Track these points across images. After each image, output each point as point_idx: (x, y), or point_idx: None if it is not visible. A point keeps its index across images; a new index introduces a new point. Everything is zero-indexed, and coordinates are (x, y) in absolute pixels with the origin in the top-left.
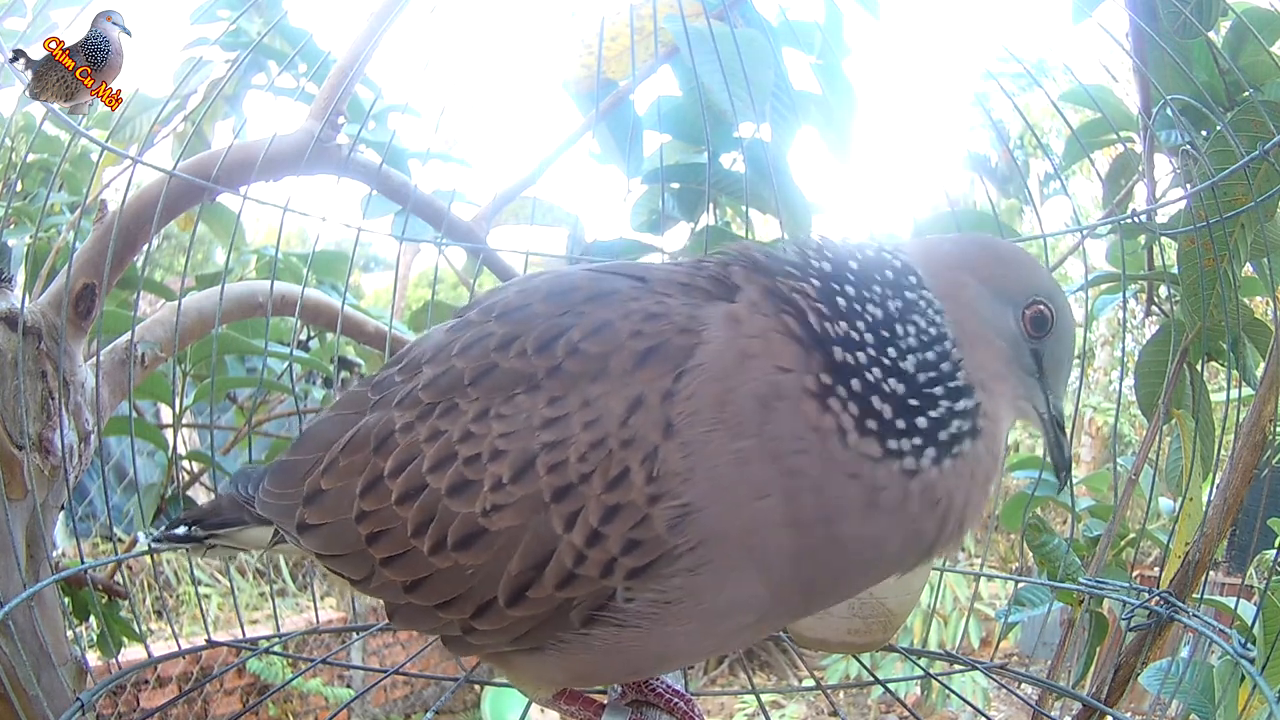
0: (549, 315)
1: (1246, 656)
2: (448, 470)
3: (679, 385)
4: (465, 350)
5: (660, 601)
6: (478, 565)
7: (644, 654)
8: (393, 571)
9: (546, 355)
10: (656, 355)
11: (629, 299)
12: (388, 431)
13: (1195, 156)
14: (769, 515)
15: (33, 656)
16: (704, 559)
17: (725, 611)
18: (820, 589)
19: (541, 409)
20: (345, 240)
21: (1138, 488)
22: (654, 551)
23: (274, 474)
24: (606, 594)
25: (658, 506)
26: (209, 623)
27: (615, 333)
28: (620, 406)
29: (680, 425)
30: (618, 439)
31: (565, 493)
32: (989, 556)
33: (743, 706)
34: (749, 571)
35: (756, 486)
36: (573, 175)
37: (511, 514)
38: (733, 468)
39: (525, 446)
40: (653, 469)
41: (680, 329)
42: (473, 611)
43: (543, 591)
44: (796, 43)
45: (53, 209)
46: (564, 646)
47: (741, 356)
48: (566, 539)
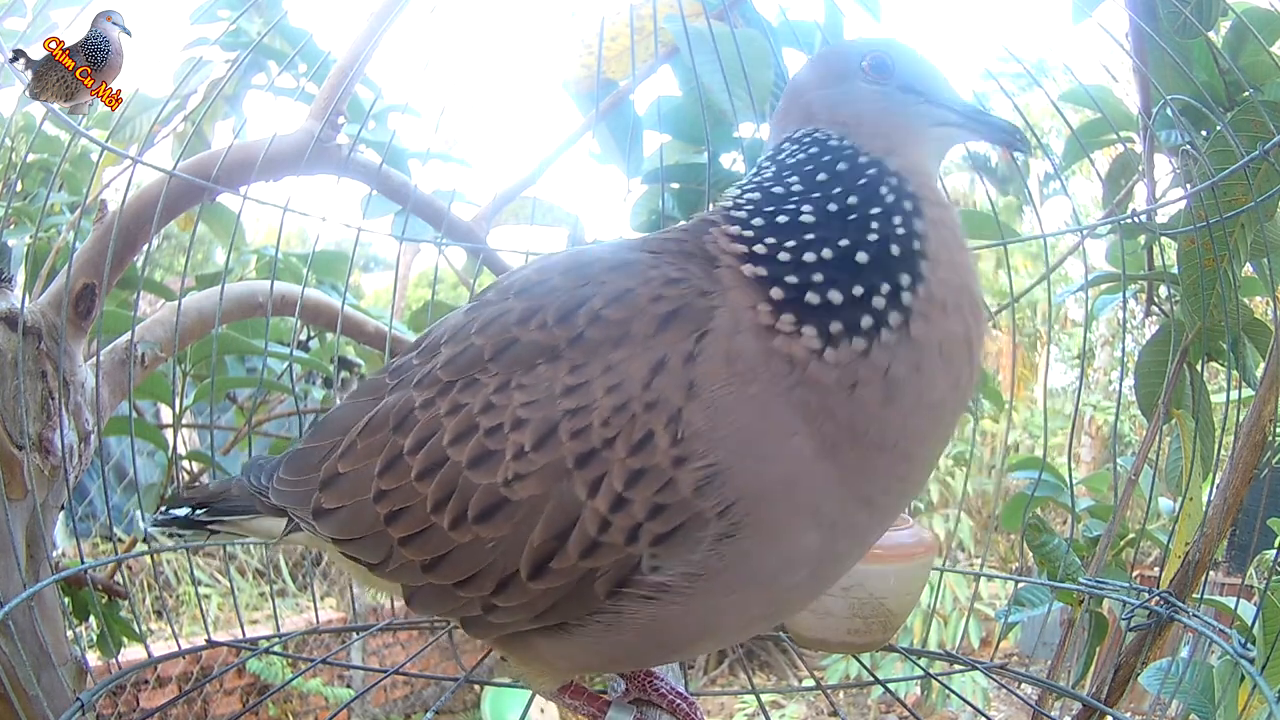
0: (569, 288)
1: (1246, 656)
2: (469, 442)
3: (699, 346)
4: (485, 328)
5: (696, 575)
6: (499, 537)
7: (682, 631)
8: (411, 550)
9: (568, 325)
10: (679, 318)
11: (648, 267)
12: (407, 409)
13: (1195, 156)
14: (802, 452)
15: (33, 656)
16: (740, 521)
17: (774, 572)
18: (883, 489)
19: (563, 377)
20: (345, 240)
21: (1138, 488)
22: (680, 516)
23: (289, 462)
24: (631, 563)
25: (683, 469)
26: (209, 623)
27: (636, 298)
28: (643, 370)
29: (702, 385)
30: (641, 402)
31: (589, 458)
32: (989, 556)
33: (743, 706)
34: (795, 521)
35: (782, 426)
36: (573, 175)
37: (534, 482)
38: (755, 418)
39: (547, 414)
40: (677, 431)
41: (700, 291)
42: (494, 587)
43: (566, 561)
44: (796, 43)
45: (53, 209)
46: (592, 626)
47: (733, 313)
48: (590, 505)
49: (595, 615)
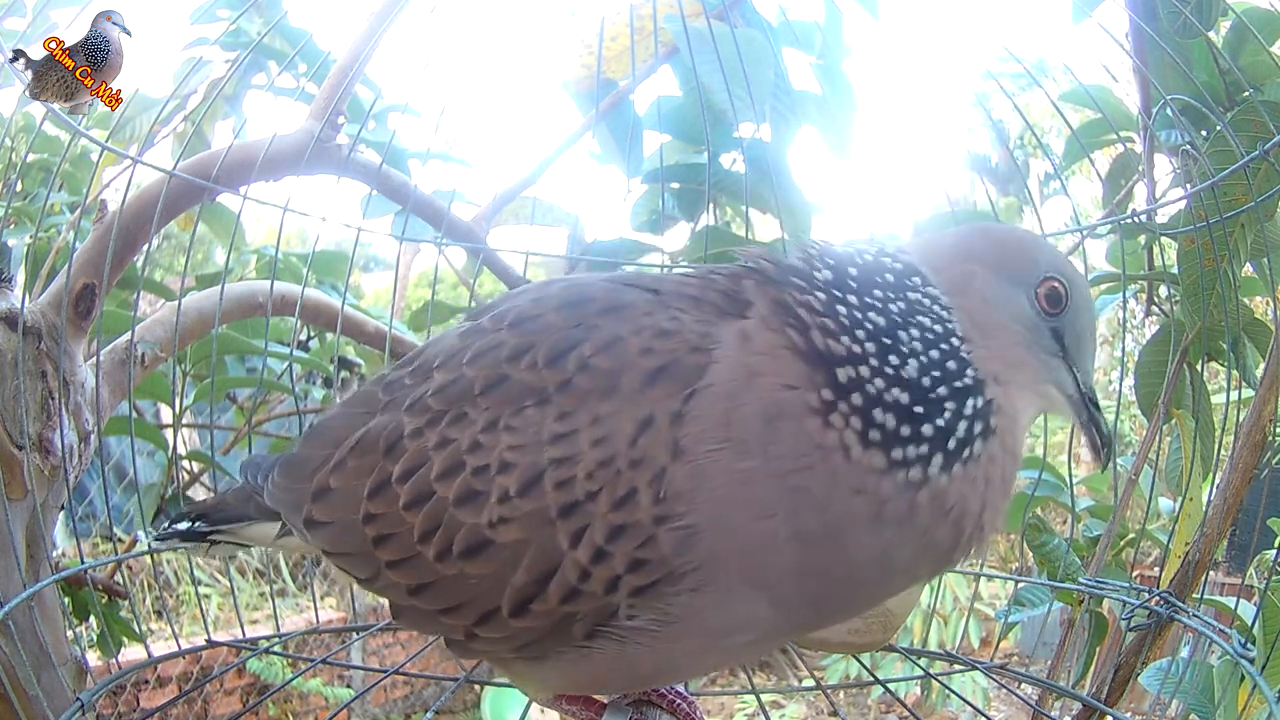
0: (562, 327)
1: (1246, 656)
2: (455, 479)
3: (689, 406)
4: (477, 359)
5: (662, 621)
6: (482, 575)
7: (645, 667)
8: (398, 574)
9: (557, 369)
10: (667, 374)
11: (642, 313)
12: (397, 436)
13: (1195, 156)
14: (773, 534)
15: (33, 656)
16: (705, 580)
17: (725, 630)
18: (831, 604)
19: (551, 424)
20: (345, 240)
21: (1138, 488)
22: (658, 571)
23: (284, 466)
24: (610, 610)
25: (664, 527)
26: (209, 623)
27: (626, 349)
28: (630, 426)
29: (688, 446)
30: (626, 459)
31: (572, 510)
32: (989, 556)
33: (743, 706)
34: (750, 592)
35: (760, 506)
36: (573, 175)
37: (517, 527)
38: (737, 488)
39: (533, 461)
40: (660, 490)
41: (692, 347)
42: (476, 619)
43: (546, 605)
44: (796, 43)
45: (53, 209)
46: (566, 655)
47: (749, 374)
48: (572, 555)
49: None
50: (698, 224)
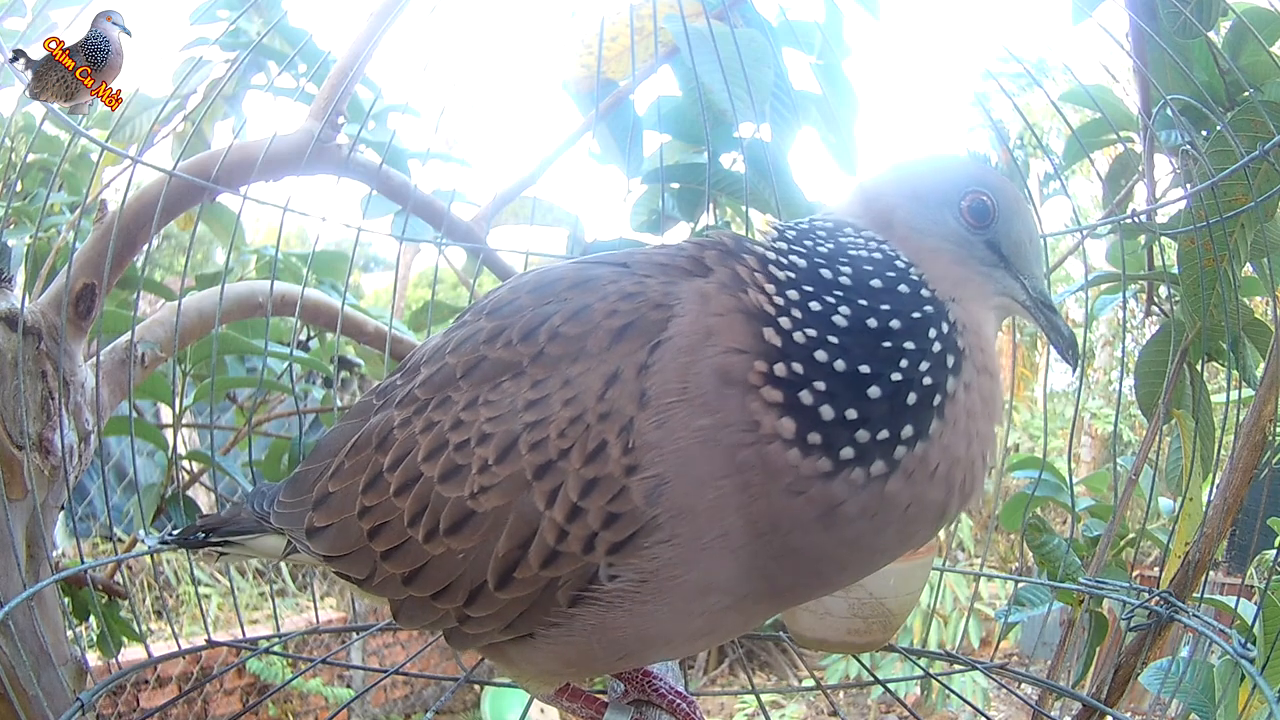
0: (534, 305)
1: (1246, 656)
2: (440, 458)
3: (653, 357)
4: (457, 347)
5: (640, 580)
6: (468, 549)
7: (629, 636)
8: (392, 564)
9: (530, 342)
10: (632, 330)
11: (608, 282)
12: (387, 429)
13: (1195, 156)
14: (729, 499)
15: (33, 656)
16: (677, 532)
17: (701, 589)
18: (806, 579)
19: (525, 392)
20: (345, 240)
21: (1138, 488)
22: (633, 524)
23: (288, 485)
24: (590, 571)
25: (634, 478)
26: (209, 623)
27: (593, 313)
28: (597, 382)
29: (654, 396)
30: (595, 413)
31: (545, 469)
32: (989, 556)
33: (743, 706)
34: (718, 548)
35: (716, 467)
36: (573, 175)
37: (497, 494)
38: (696, 446)
39: (509, 428)
40: (629, 440)
41: (654, 304)
42: (465, 598)
43: (528, 571)
44: (796, 43)
45: (53, 209)
46: (553, 633)
47: (706, 333)
48: (549, 515)
49: (551, 623)
50: (698, 224)
